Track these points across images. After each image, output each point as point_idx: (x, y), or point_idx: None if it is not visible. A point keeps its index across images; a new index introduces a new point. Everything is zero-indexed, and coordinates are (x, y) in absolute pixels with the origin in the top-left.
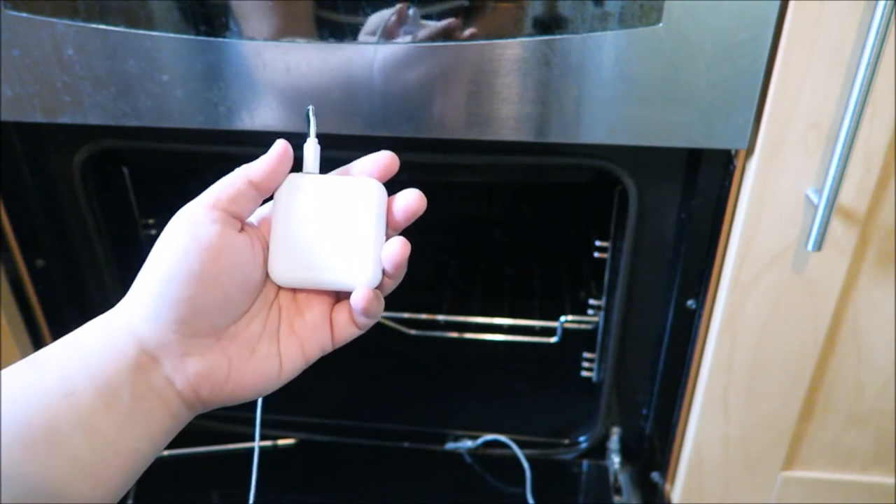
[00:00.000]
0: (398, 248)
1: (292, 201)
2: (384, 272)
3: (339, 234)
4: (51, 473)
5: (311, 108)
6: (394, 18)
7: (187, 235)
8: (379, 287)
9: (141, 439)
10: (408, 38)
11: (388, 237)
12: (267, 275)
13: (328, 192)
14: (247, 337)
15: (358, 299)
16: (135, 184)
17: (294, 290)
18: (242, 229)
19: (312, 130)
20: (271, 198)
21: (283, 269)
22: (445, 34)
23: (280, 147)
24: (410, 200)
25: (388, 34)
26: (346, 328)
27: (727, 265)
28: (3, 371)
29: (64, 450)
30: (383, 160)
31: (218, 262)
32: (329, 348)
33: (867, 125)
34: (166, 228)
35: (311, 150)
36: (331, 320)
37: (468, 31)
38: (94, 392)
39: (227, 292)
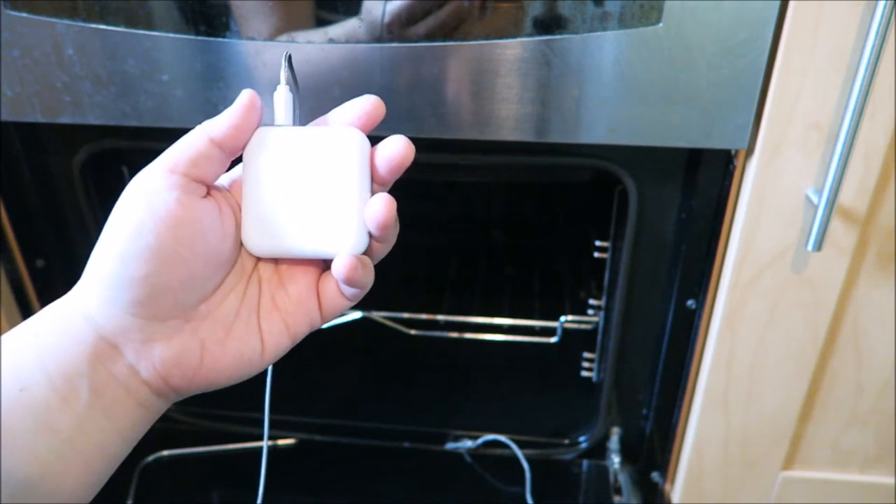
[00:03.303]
0: (382, 206)
1: (263, 159)
2: (371, 235)
3: (318, 193)
4: (10, 474)
5: (287, 53)
6: None
7: (142, 205)
8: (367, 252)
9: (107, 434)
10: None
11: (374, 193)
12: (241, 244)
13: (303, 145)
14: (221, 315)
15: (339, 268)
16: None
17: (275, 261)
18: (209, 194)
19: (283, 76)
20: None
21: (258, 238)
22: None
23: (245, 98)
24: (395, 149)
25: None
26: (335, 301)
27: (727, 265)
28: None
29: (21, 449)
30: (365, 106)
31: (178, 233)
32: (318, 324)
33: (867, 125)
34: (121, 198)
35: (283, 97)
36: (318, 292)
37: None
38: (48, 386)
39: (190, 267)
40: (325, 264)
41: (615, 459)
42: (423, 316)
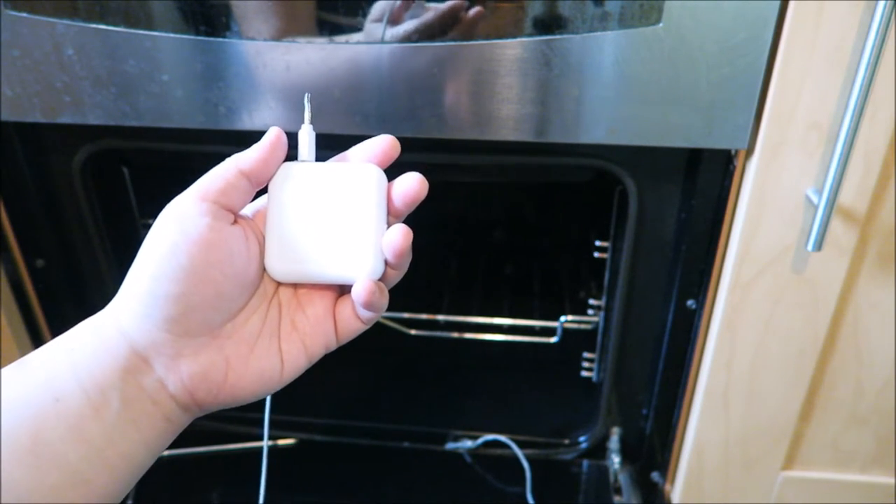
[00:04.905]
0: (399, 235)
1: (287, 191)
2: (387, 262)
3: (338, 223)
4: (41, 481)
5: (308, 95)
6: (399, 2)
7: (176, 229)
8: (382, 278)
9: (134, 444)
10: (414, 23)
11: (389, 225)
12: (264, 269)
13: (325, 180)
14: (245, 335)
15: (359, 291)
16: (135, 184)
17: (294, 285)
18: (235, 222)
19: (307, 116)
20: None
21: (280, 263)
22: (451, 16)
23: (272, 135)
24: (410, 185)
25: (394, 19)
26: (351, 323)
27: (727, 265)
28: None
29: (52, 457)
30: (382, 145)
31: (208, 255)
32: (333, 345)
33: (867, 125)
34: (155, 223)
35: (307, 136)
36: (334, 316)
37: (473, 12)
38: (82, 397)
39: (219, 287)
40: (341, 290)
41: (615, 459)
42: (423, 316)
